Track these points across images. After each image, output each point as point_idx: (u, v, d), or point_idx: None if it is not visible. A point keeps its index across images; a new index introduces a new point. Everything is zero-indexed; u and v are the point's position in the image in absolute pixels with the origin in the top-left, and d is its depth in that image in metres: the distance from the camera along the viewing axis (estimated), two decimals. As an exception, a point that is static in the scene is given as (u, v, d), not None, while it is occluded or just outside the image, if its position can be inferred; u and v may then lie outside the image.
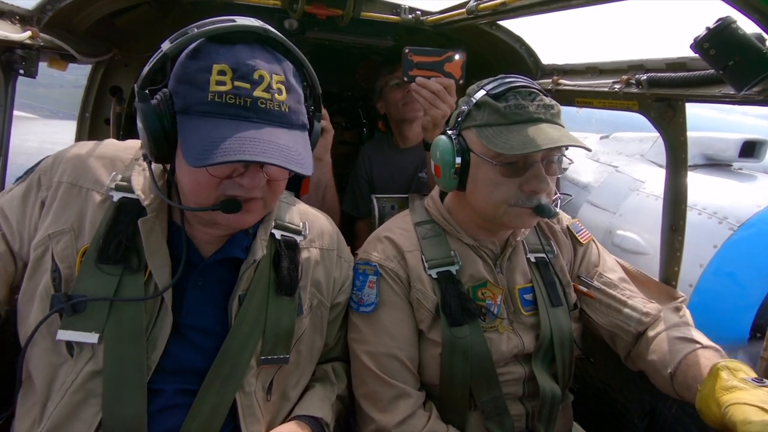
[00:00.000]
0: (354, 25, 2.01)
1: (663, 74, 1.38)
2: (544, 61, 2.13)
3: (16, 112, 1.53)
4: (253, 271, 1.11)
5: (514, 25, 2.07)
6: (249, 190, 0.98)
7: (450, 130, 1.31)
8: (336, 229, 1.35)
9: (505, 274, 1.38)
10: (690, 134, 1.51)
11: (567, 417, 1.46)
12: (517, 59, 2.14)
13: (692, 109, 1.49)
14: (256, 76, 0.91)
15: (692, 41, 0.98)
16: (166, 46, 0.93)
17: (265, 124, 0.92)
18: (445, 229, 1.39)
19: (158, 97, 0.92)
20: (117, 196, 1.05)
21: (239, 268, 1.10)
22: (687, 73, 1.29)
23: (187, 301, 1.06)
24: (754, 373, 1.01)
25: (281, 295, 1.13)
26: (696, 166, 4.07)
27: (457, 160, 1.25)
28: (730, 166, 4.19)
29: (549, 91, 1.29)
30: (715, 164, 4.15)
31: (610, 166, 4.85)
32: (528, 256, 1.42)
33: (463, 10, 1.69)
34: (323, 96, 1.14)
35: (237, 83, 0.89)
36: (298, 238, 1.20)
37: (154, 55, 0.94)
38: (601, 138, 5.76)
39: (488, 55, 2.27)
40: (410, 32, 2.15)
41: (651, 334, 1.34)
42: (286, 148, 0.91)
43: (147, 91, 0.93)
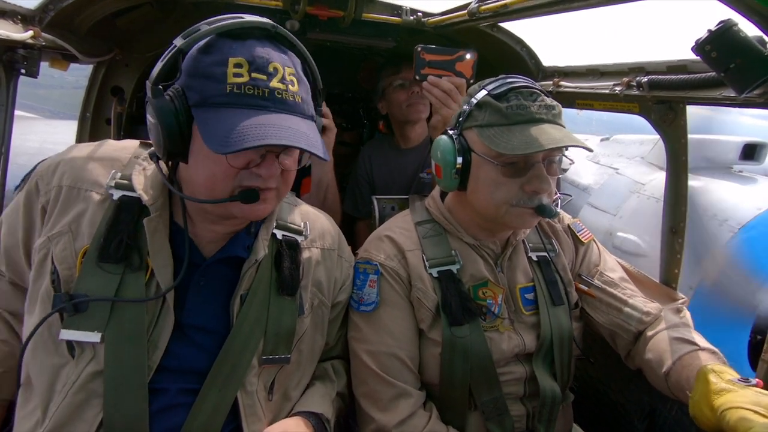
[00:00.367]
0: (355, 26, 2.02)
1: (664, 76, 1.38)
2: (545, 63, 2.14)
3: (18, 112, 1.53)
4: (255, 271, 1.11)
5: (516, 27, 2.08)
6: (266, 180, 0.99)
7: (451, 130, 1.31)
8: (337, 229, 1.35)
9: (506, 274, 1.38)
10: (690, 137, 1.51)
11: (567, 418, 1.46)
12: (518, 61, 2.14)
13: (690, 109, 1.50)
14: (270, 68, 0.93)
15: (693, 44, 0.99)
16: (179, 41, 0.94)
17: (282, 113, 0.94)
18: (445, 229, 1.39)
19: (171, 92, 0.93)
20: (117, 195, 1.05)
21: (241, 268, 1.10)
22: (688, 76, 1.29)
23: (188, 301, 1.06)
24: (737, 374, 1.01)
25: (283, 295, 1.13)
26: (696, 169, 4.07)
27: (458, 160, 1.25)
28: (731, 168, 4.20)
29: (550, 93, 1.29)
30: (715, 167, 4.16)
31: (610, 168, 4.86)
32: (529, 255, 1.42)
33: (465, 11, 1.70)
34: (324, 96, 1.15)
35: (254, 75, 0.91)
36: (299, 238, 1.21)
37: (167, 51, 0.95)
38: (602, 140, 5.77)
39: (489, 57, 2.28)
40: (411, 34, 2.16)
41: (650, 333, 1.34)
42: (306, 135, 0.93)
43: (160, 87, 0.93)
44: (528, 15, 1.52)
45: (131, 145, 1.15)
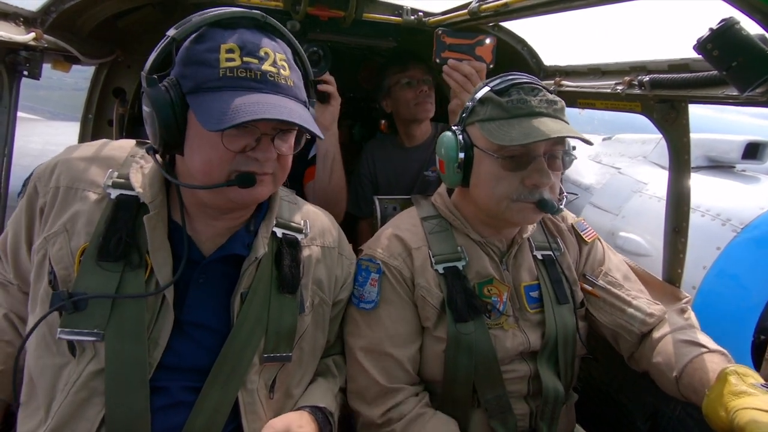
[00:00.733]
0: (356, 26, 2.02)
1: (666, 75, 1.37)
2: (547, 63, 2.14)
3: (20, 114, 1.54)
4: (255, 269, 1.11)
5: (517, 27, 2.08)
6: (262, 163, 1.00)
7: (455, 126, 1.32)
8: (337, 227, 1.36)
9: (511, 272, 1.38)
10: (692, 136, 1.51)
11: (570, 418, 1.46)
12: (520, 60, 2.14)
13: (691, 109, 1.49)
14: (262, 53, 0.95)
15: (695, 42, 0.98)
16: (171, 32, 0.96)
17: (276, 94, 0.95)
18: (452, 224, 1.39)
19: (166, 83, 0.94)
20: (115, 193, 1.05)
21: (241, 266, 1.10)
22: (690, 75, 1.29)
23: (188, 299, 1.06)
24: (762, 379, 1.00)
25: (283, 293, 1.13)
26: (699, 168, 4.06)
27: (460, 155, 1.26)
28: (733, 167, 4.18)
29: (551, 92, 1.30)
30: (718, 166, 4.14)
31: (612, 167, 4.84)
32: (535, 254, 1.42)
33: (465, 11, 1.70)
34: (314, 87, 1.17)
35: (246, 59, 0.93)
36: (299, 236, 1.21)
37: (161, 42, 0.97)
38: (603, 140, 5.75)
39: (490, 56, 2.27)
40: (412, 33, 2.16)
41: (656, 336, 1.34)
42: (299, 114, 0.95)
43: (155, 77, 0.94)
44: (528, 14, 1.52)
45: (128, 144, 1.16)
